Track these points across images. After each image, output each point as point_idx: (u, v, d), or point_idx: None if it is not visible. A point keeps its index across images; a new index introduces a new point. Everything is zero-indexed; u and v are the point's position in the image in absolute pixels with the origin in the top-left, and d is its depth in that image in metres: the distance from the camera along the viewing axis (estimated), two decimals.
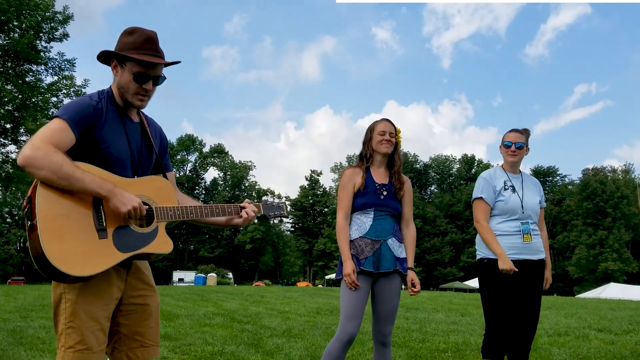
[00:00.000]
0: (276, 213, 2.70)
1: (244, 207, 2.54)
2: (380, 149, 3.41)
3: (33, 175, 2.02)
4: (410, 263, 3.45)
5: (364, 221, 3.34)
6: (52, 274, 2.02)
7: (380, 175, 3.46)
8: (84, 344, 2.11)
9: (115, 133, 2.27)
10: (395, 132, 3.44)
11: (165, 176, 2.47)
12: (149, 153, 2.43)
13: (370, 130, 3.48)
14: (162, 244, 2.24)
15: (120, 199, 2.10)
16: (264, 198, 2.70)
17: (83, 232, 2.07)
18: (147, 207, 2.24)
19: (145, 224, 2.23)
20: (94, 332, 2.14)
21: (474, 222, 3.90)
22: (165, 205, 2.28)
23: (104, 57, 2.35)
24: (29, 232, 2.02)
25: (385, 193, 3.39)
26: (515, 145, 3.89)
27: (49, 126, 2.11)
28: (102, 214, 2.12)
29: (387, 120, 3.49)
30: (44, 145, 2.02)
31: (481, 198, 3.86)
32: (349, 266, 3.23)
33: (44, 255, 1.95)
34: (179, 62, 2.40)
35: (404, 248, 3.44)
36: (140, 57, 2.24)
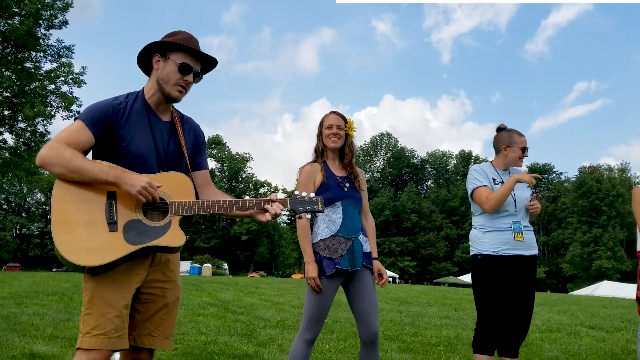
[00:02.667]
0: (307, 208, 2.54)
1: (268, 203, 2.46)
2: (327, 144, 3.37)
3: (50, 173, 2.20)
4: (375, 253, 3.42)
5: (334, 218, 3.26)
6: (69, 265, 2.14)
7: (337, 169, 3.40)
8: (100, 329, 2.19)
9: (138, 130, 2.36)
10: (344, 125, 3.39)
11: (189, 175, 2.50)
12: (178, 151, 2.49)
13: (320, 124, 3.43)
14: (174, 238, 2.29)
15: (129, 182, 2.19)
16: (295, 192, 2.60)
17: (94, 225, 2.18)
18: (161, 201, 2.30)
19: (161, 218, 2.30)
20: (111, 319, 2.21)
21: (483, 205, 3.74)
22: (180, 200, 2.33)
23: (144, 57, 2.46)
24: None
25: (347, 185, 3.34)
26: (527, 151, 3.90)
27: (67, 127, 2.28)
28: (114, 208, 2.23)
29: (336, 113, 3.44)
30: (57, 144, 2.19)
31: (483, 185, 3.79)
32: (313, 269, 3.16)
33: (55, 246, 2.10)
34: (216, 61, 2.54)
35: (368, 242, 3.40)
36: (189, 44, 2.41)
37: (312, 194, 2.60)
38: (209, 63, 2.54)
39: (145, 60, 2.49)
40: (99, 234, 2.17)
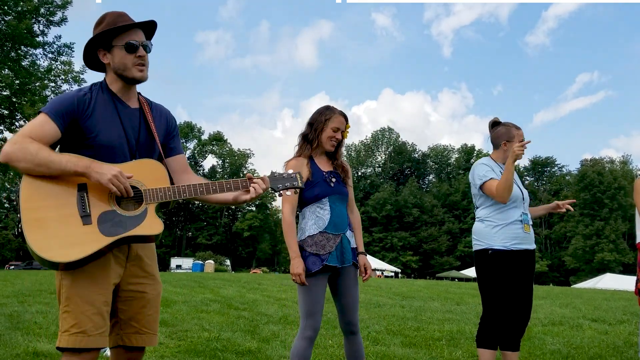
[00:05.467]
0: (287, 185, 2.48)
1: (248, 182, 2.40)
2: (326, 145, 3.30)
3: (15, 169, 2.12)
4: (361, 248, 3.40)
5: (322, 214, 3.22)
6: (44, 263, 2.07)
7: (324, 163, 3.35)
8: (78, 327, 2.14)
9: (106, 120, 2.28)
10: (345, 129, 3.34)
11: (162, 161, 2.44)
12: (150, 138, 2.42)
13: (325, 119, 3.29)
14: (152, 225, 2.23)
15: (99, 172, 2.12)
16: (272, 170, 2.54)
17: (66, 219, 2.12)
18: (135, 189, 2.24)
19: (136, 207, 2.24)
20: (90, 316, 2.15)
21: (495, 196, 3.69)
22: (154, 187, 2.28)
23: (90, 56, 2.39)
24: (20, 227, 2.11)
25: (334, 180, 3.30)
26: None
27: (31, 122, 2.20)
28: (87, 200, 2.16)
29: (344, 115, 3.34)
30: (21, 139, 2.12)
31: (492, 178, 3.75)
32: (298, 265, 3.12)
33: (29, 245, 2.03)
34: (155, 22, 2.42)
35: (353, 237, 3.38)
36: (120, 24, 2.30)
37: (290, 170, 2.54)
38: (150, 28, 2.43)
39: (94, 58, 2.41)
40: (73, 228, 2.12)
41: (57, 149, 2.26)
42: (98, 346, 2.18)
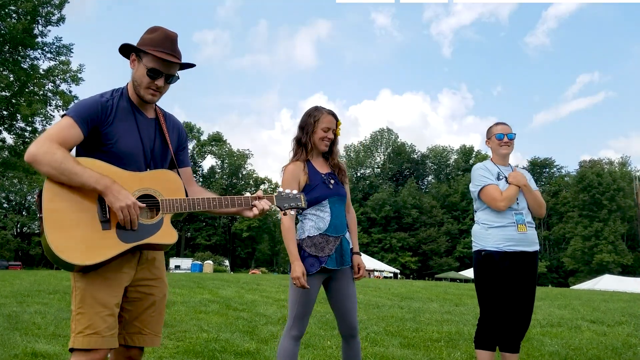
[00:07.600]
0: (292, 205, 2.63)
1: (256, 199, 2.52)
2: (320, 146, 3.30)
3: (37, 171, 2.18)
4: (356, 248, 3.40)
5: (322, 217, 3.23)
6: (60, 264, 2.13)
7: (321, 165, 3.35)
8: (92, 328, 2.19)
9: (126, 128, 2.36)
10: (336, 127, 3.33)
11: (177, 171, 2.51)
12: (164, 148, 2.50)
13: (314, 121, 3.29)
14: (166, 235, 2.31)
15: (116, 195, 2.17)
16: (279, 189, 2.68)
17: (86, 223, 2.18)
18: (152, 199, 2.31)
19: (152, 216, 2.31)
20: (104, 318, 2.22)
21: (496, 203, 3.74)
22: (171, 198, 2.33)
23: (125, 50, 2.43)
24: (40, 226, 2.15)
25: (332, 181, 3.31)
26: (508, 137, 3.92)
27: (57, 124, 2.26)
28: (107, 206, 2.22)
29: (332, 114, 3.32)
30: (48, 142, 2.16)
31: (490, 184, 3.81)
32: (298, 269, 3.11)
33: (48, 245, 2.08)
34: (194, 65, 2.50)
35: (350, 238, 3.39)
36: (156, 53, 2.33)
37: (295, 191, 2.66)
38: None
39: (128, 53, 2.45)
40: (92, 232, 2.18)
41: (73, 150, 2.32)
42: (111, 346, 2.25)
